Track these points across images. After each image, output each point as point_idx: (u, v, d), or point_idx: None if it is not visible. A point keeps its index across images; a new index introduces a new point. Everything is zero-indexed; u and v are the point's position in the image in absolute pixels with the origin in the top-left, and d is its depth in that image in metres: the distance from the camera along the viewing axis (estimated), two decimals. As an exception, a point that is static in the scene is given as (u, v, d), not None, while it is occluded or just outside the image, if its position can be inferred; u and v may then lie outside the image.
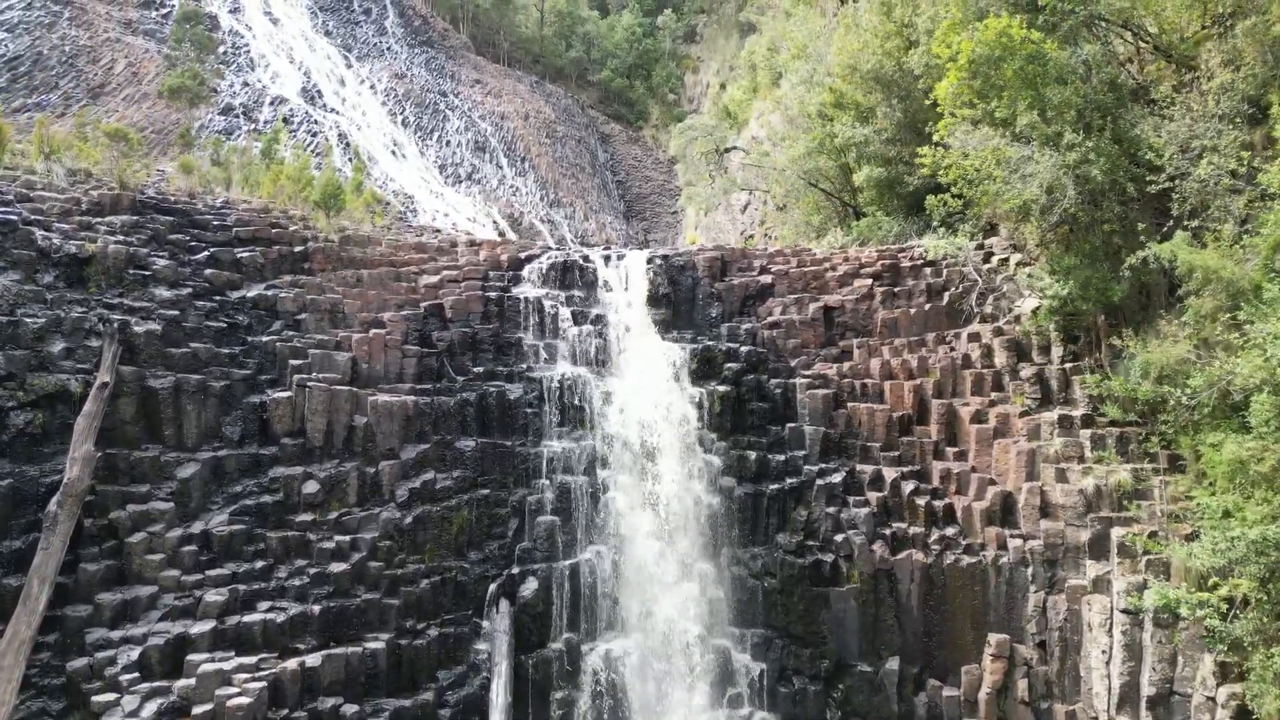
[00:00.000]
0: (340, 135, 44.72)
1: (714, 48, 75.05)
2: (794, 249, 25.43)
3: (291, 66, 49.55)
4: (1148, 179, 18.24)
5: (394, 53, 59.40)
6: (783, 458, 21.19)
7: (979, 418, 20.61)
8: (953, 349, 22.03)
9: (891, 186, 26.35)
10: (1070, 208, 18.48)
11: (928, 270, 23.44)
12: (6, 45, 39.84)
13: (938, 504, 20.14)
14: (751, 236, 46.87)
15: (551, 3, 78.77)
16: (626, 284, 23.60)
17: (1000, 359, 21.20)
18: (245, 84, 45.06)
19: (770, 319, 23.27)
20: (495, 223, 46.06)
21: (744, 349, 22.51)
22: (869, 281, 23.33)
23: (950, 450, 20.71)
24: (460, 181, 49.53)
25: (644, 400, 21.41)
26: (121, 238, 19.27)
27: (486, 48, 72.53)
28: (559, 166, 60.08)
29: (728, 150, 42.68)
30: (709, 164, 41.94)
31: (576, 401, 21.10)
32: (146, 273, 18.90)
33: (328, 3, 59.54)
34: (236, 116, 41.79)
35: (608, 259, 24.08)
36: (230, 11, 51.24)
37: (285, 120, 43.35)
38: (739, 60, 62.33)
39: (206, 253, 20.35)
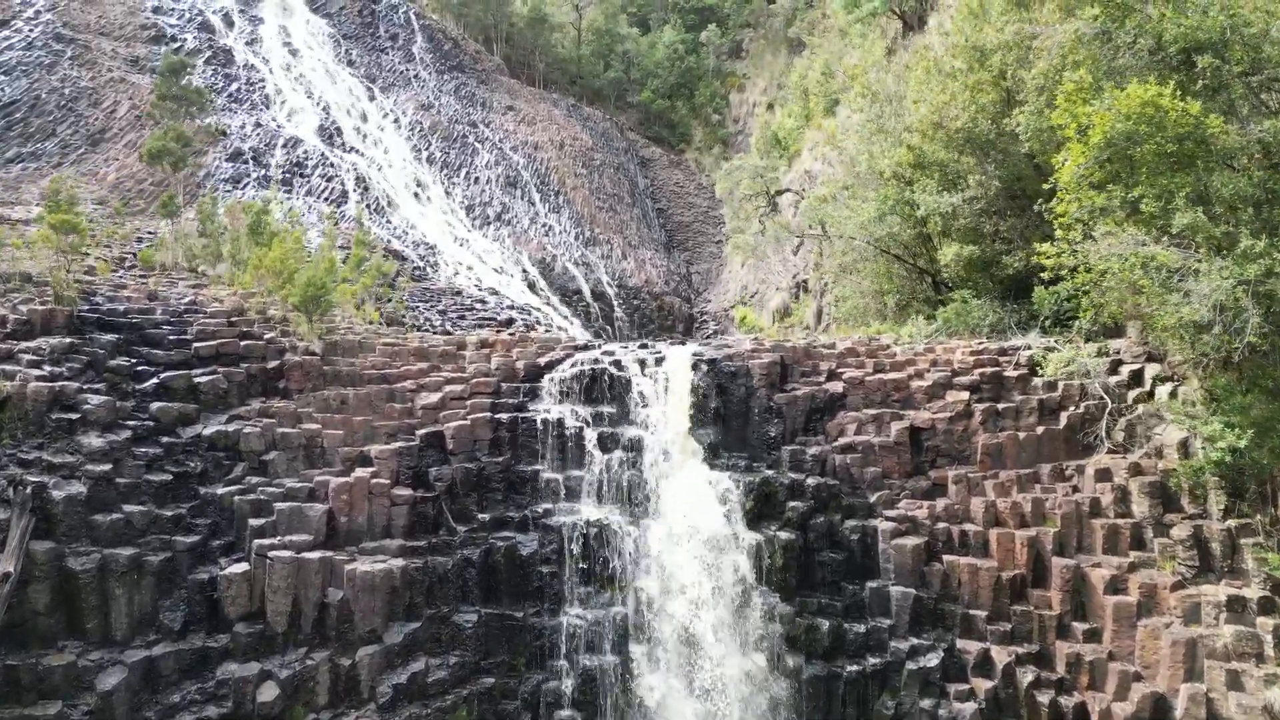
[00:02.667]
0: (358, 179, 41.35)
1: (761, 64, 70.66)
2: (868, 346, 21.11)
3: (309, 102, 46.39)
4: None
5: (422, 80, 56.08)
6: (862, 628, 17.01)
7: (1116, 586, 16.15)
8: (1076, 488, 17.58)
9: (986, 267, 21.92)
10: (1250, 334, 14.03)
11: (1038, 381, 18.99)
12: (3, 89, 37.08)
13: (1066, 702, 15.73)
14: (805, 282, 42.63)
15: (589, 20, 75.11)
16: (666, 395, 19.55)
17: (1140, 507, 16.72)
18: (258, 124, 41.90)
19: (843, 440, 19.04)
20: (525, 271, 42.38)
21: (811, 481, 18.36)
22: (965, 395, 18.95)
23: (1079, 627, 16.29)
24: (489, 223, 45.93)
25: (687, 551, 17.38)
26: (49, 369, 15.76)
27: (521, 69, 69.10)
28: (596, 199, 56.25)
29: (779, 194, 38.42)
30: (758, 208, 37.66)
31: (604, 555, 17.14)
32: (74, 416, 15.30)
33: (352, 30, 56.46)
34: (246, 162, 38.55)
35: (643, 364, 20.04)
36: (247, 44, 48.27)
37: (299, 165, 40.08)
38: (788, 79, 57.94)
39: (156, 380, 16.78)
